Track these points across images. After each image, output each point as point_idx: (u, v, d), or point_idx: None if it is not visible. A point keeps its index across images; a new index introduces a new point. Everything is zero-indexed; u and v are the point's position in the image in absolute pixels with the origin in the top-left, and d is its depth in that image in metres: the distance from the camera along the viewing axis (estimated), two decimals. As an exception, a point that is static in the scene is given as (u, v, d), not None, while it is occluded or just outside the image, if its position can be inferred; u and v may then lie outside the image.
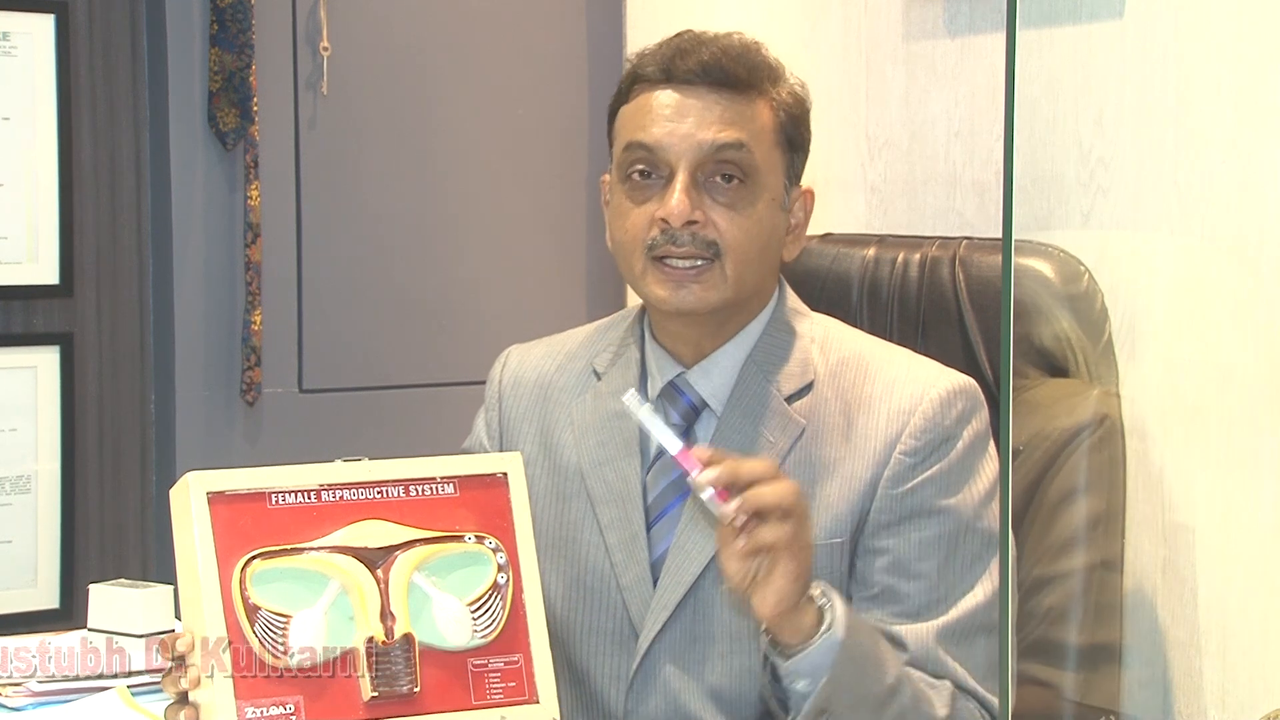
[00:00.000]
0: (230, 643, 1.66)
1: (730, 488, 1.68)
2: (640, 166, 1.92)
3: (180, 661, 1.71)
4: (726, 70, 1.91)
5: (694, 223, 1.89)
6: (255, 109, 3.10)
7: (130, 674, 2.11)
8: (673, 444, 1.71)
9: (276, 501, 1.72)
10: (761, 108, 1.93)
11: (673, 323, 1.96)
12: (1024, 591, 2.10)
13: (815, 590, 1.75)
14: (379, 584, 1.72)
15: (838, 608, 1.75)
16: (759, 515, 1.68)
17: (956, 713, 1.82)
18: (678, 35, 1.98)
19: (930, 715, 1.79)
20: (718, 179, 1.90)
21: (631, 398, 1.73)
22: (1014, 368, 2.15)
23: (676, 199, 1.88)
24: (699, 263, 1.90)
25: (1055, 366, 2.18)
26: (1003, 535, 1.83)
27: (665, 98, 1.92)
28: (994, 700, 1.85)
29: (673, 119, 1.90)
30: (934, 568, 1.87)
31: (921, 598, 1.86)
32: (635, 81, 1.95)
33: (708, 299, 1.91)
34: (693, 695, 1.91)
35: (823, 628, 1.73)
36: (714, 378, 1.96)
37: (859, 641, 1.75)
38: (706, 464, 1.69)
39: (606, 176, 2.00)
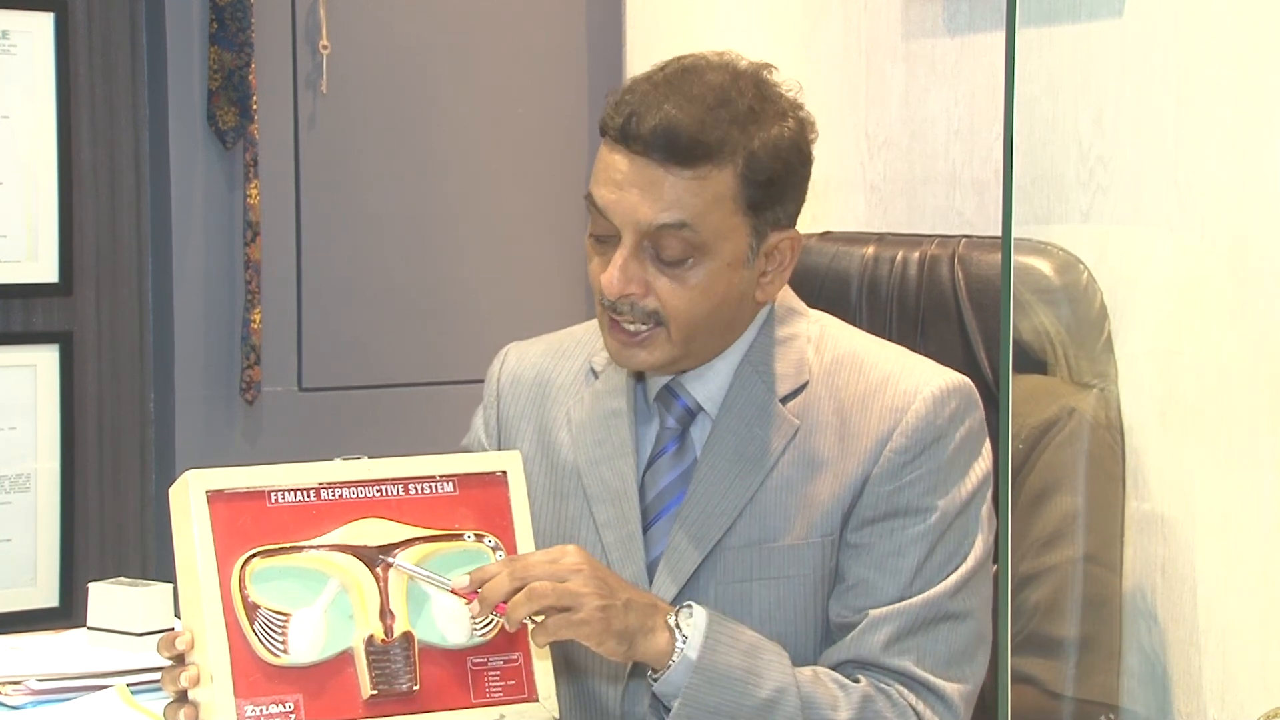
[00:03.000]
0: (230, 641, 1.66)
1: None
2: (596, 219, 1.90)
3: (180, 660, 1.71)
4: (679, 141, 1.82)
5: (632, 293, 1.87)
6: (255, 107, 3.10)
7: (130, 672, 2.11)
8: (442, 584, 1.73)
9: (276, 500, 1.72)
10: (718, 178, 1.84)
11: None
12: (1011, 589, 2.10)
13: (673, 613, 1.79)
14: (378, 582, 1.72)
15: (697, 627, 1.78)
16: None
17: (866, 715, 1.82)
18: (661, 68, 1.91)
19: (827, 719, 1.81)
20: (663, 247, 1.86)
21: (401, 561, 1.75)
22: (991, 364, 2.16)
23: (614, 273, 1.85)
24: (644, 328, 1.88)
25: (1034, 361, 2.18)
26: (1001, 536, 1.84)
27: (618, 161, 1.86)
28: (948, 688, 1.85)
29: (621, 186, 1.85)
30: (912, 565, 1.87)
31: (894, 592, 1.87)
32: (604, 129, 1.89)
33: (653, 360, 1.90)
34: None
35: (676, 649, 1.77)
36: (709, 381, 1.96)
37: (719, 660, 1.78)
38: (479, 583, 1.73)
39: None
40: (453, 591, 1.72)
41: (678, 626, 1.79)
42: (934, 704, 1.85)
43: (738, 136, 1.85)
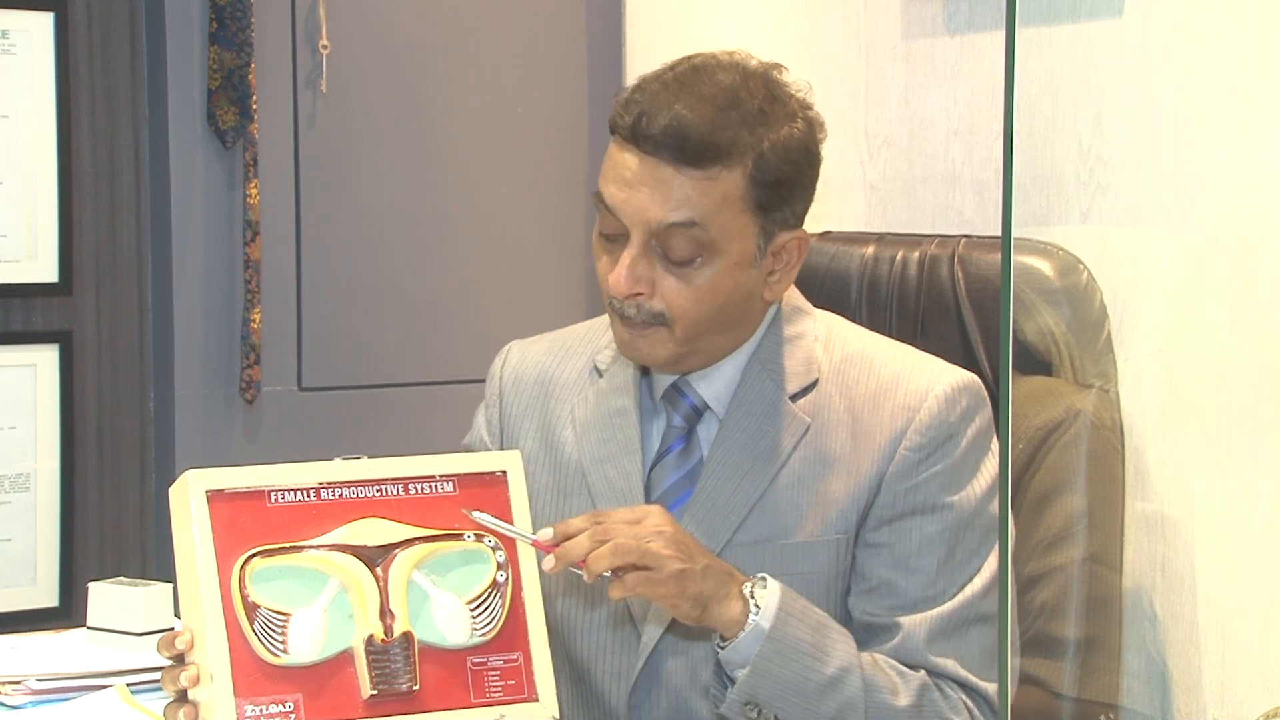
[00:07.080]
0: (229, 641, 1.66)
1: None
2: (605, 217, 1.91)
3: (180, 659, 1.71)
4: (689, 142, 1.83)
5: (639, 294, 1.88)
6: (254, 107, 3.10)
7: (130, 672, 2.11)
8: (524, 536, 1.76)
9: (276, 500, 1.72)
10: (728, 178, 1.85)
11: None
12: (1017, 589, 2.10)
13: (747, 583, 1.80)
14: (378, 582, 1.72)
15: (770, 599, 1.79)
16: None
17: (924, 703, 1.84)
18: (671, 68, 1.91)
19: (887, 705, 1.82)
20: (671, 246, 1.87)
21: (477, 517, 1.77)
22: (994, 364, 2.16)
23: (621, 272, 1.86)
24: (648, 324, 1.89)
25: (1038, 362, 2.18)
26: (1002, 532, 1.84)
27: (628, 160, 1.87)
28: (988, 688, 1.87)
29: (631, 185, 1.86)
30: (933, 563, 1.88)
31: (918, 592, 1.88)
32: (614, 127, 1.90)
33: (654, 355, 1.91)
34: (695, 693, 1.91)
35: (749, 619, 1.78)
36: (716, 380, 1.96)
37: (789, 633, 1.79)
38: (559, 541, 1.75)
39: None
40: (534, 544, 1.75)
41: (752, 596, 1.80)
42: (980, 704, 1.87)
43: (747, 138, 1.86)
